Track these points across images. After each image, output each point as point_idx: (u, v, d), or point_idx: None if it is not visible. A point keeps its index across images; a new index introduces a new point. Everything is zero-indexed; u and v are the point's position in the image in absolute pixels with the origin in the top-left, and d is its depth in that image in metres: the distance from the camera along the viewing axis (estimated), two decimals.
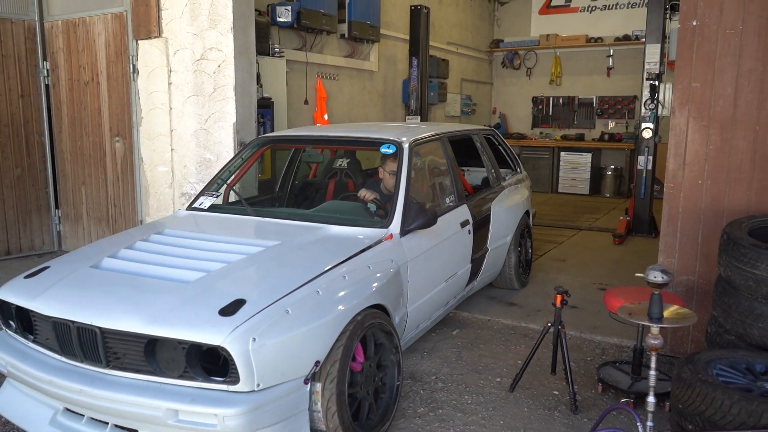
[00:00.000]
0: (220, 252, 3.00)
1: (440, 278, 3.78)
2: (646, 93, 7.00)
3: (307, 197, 4.63)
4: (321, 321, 2.57)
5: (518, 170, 5.65)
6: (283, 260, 2.94)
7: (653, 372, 2.43)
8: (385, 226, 3.36)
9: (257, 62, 5.50)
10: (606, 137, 11.07)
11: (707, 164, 3.60)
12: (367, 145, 4.25)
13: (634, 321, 2.49)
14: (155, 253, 3.04)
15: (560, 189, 11.18)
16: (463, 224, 4.08)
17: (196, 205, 3.89)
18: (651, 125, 7.06)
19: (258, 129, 5.42)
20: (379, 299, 2.98)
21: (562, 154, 11.16)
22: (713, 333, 3.17)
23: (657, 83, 6.93)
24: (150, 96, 5.57)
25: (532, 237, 5.61)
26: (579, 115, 11.72)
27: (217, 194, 3.96)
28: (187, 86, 5.32)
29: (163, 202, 5.65)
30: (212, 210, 3.84)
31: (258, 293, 2.56)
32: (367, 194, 3.88)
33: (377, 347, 2.98)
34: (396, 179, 3.58)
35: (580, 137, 11.41)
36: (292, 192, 4.75)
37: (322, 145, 4.78)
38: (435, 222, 3.49)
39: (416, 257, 3.42)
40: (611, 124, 11.38)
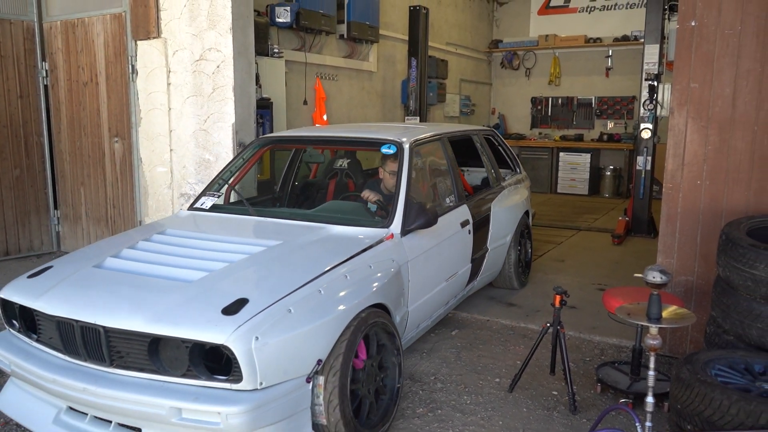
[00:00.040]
0: (222, 252, 3.01)
1: (441, 278, 3.79)
2: (645, 93, 7.00)
3: (308, 197, 4.64)
4: (323, 320, 2.59)
5: (518, 170, 5.66)
6: (285, 260, 2.95)
7: (652, 372, 2.44)
8: (386, 226, 3.37)
9: (256, 63, 5.50)
10: (605, 138, 11.08)
11: (706, 165, 3.61)
12: (368, 146, 4.26)
13: (633, 321, 2.50)
14: (158, 253, 3.05)
15: (559, 189, 11.19)
16: (464, 224, 4.09)
17: (198, 205, 3.91)
18: (650, 126, 7.06)
19: (257, 129, 5.42)
20: (381, 298, 2.99)
21: (561, 155, 11.17)
22: (712, 333, 3.17)
23: (656, 84, 6.93)
24: (149, 96, 5.57)
25: (532, 237, 5.61)
26: (578, 116, 11.73)
27: (219, 194, 3.96)
28: (186, 87, 5.32)
29: (162, 203, 5.65)
30: (214, 210, 3.85)
31: (260, 292, 2.58)
32: (371, 195, 3.89)
33: (379, 348, 2.99)
34: (397, 179, 3.59)
35: (579, 138, 11.42)
36: (293, 192, 4.75)
37: (323, 146, 4.78)
38: (435, 222, 3.50)
39: (417, 257, 3.43)
40: (610, 125, 11.38)
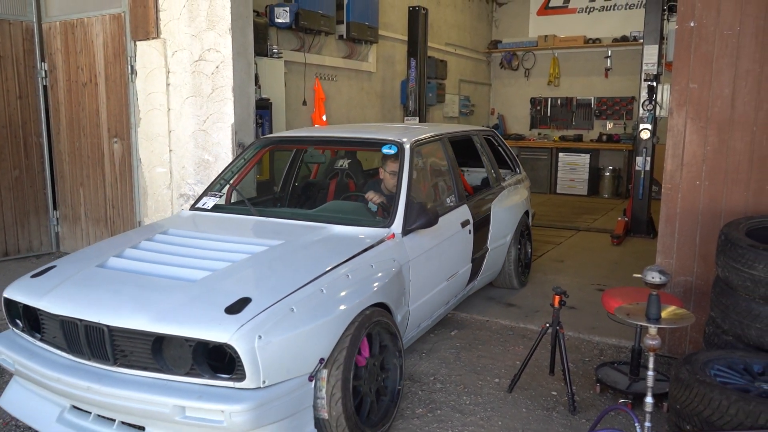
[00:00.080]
0: (225, 251, 3.02)
1: (441, 277, 3.80)
2: (644, 94, 7.01)
3: (309, 197, 4.65)
4: (325, 319, 2.60)
5: (518, 171, 5.67)
6: (287, 259, 2.96)
7: (651, 372, 2.44)
8: (387, 226, 3.39)
9: (255, 63, 5.50)
10: (604, 138, 11.08)
11: (705, 165, 3.61)
12: (369, 146, 4.28)
13: (632, 321, 2.50)
14: (160, 253, 3.07)
15: (558, 190, 11.19)
16: (464, 224, 4.10)
17: (200, 205, 3.92)
18: (649, 126, 7.07)
19: (256, 130, 5.42)
20: (382, 298, 3.00)
21: (561, 155, 11.17)
22: (711, 333, 3.17)
23: (655, 84, 6.93)
24: (148, 97, 5.57)
25: (532, 237, 5.62)
26: (577, 116, 11.74)
27: (220, 194, 3.98)
28: (186, 87, 5.32)
29: (162, 203, 5.65)
30: (215, 210, 3.86)
31: (263, 292, 2.59)
32: (375, 197, 3.90)
33: (381, 349, 3.01)
34: (397, 179, 3.60)
35: (579, 138, 11.42)
36: (294, 192, 4.76)
37: (324, 146, 4.79)
38: (436, 222, 3.51)
39: (418, 256, 3.45)
40: (609, 125, 11.38)
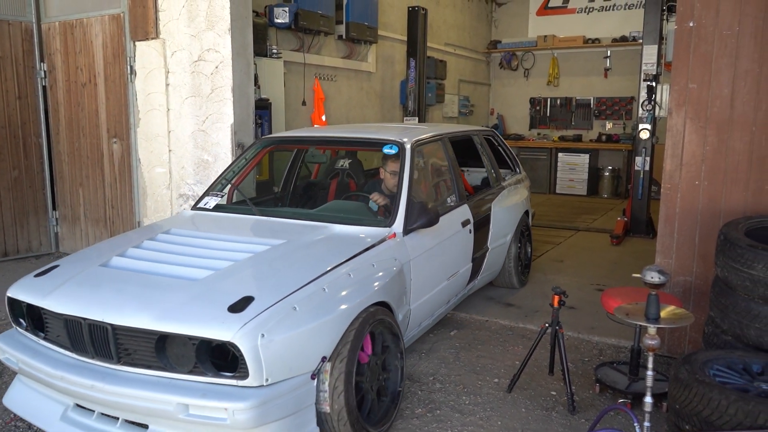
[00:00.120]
0: (227, 251, 3.03)
1: (442, 276, 3.82)
2: (644, 94, 7.01)
3: (310, 197, 4.66)
4: (327, 317, 2.62)
5: (517, 170, 5.68)
6: (289, 258, 2.98)
7: (650, 372, 2.44)
8: (389, 225, 3.40)
9: (255, 63, 5.50)
10: (603, 138, 11.08)
11: (704, 165, 3.61)
12: (370, 146, 4.30)
13: (632, 321, 2.50)
14: (163, 252, 3.08)
15: (558, 190, 11.19)
16: (464, 224, 4.11)
17: (201, 205, 3.94)
18: (648, 126, 7.07)
19: (256, 130, 5.42)
20: (383, 296, 3.02)
21: (560, 155, 11.17)
22: (710, 333, 3.17)
23: (654, 84, 6.93)
24: (147, 97, 5.57)
25: (532, 237, 5.62)
26: (576, 116, 11.74)
27: (222, 194, 3.99)
28: (185, 87, 5.32)
29: (161, 204, 5.65)
30: (217, 210, 3.88)
31: (266, 290, 2.60)
32: (379, 199, 3.90)
33: (384, 349, 3.03)
34: (398, 179, 3.62)
35: (578, 138, 11.42)
36: (295, 192, 4.77)
37: (326, 146, 4.80)
38: (437, 221, 3.52)
39: (419, 256, 3.46)
40: (609, 125, 11.38)
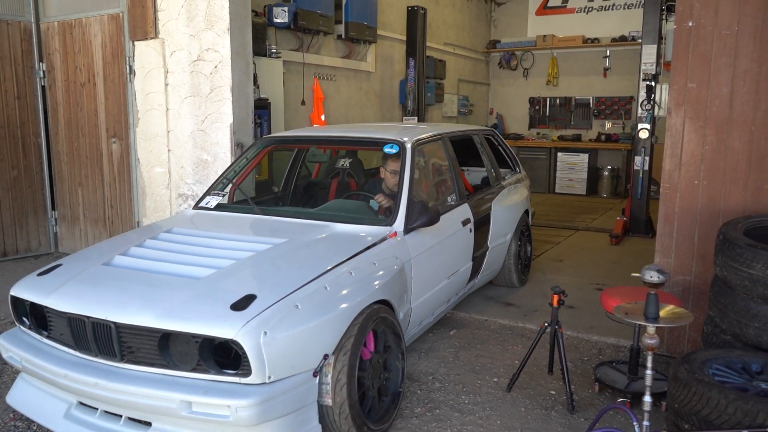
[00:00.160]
0: (229, 249, 3.05)
1: (443, 275, 3.83)
2: (643, 94, 7.01)
3: (311, 196, 4.67)
4: (329, 315, 2.63)
5: (517, 170, 5.69)
6: (291, 257, 2.99)
7: (649, 372, 2.44)
8: (389, 224, 3.42)
9: (254, 63, 5.50)
10: (603, 138, 11.09)
11: (703, 164, 3.61)
12: (371, 145, 4.32)
13: (631, 321, 2.50)
14: (165, 251, 3.09)
15: (557, 189, 11.19)
16: (465, 222, 4.13)
17: (203, 205, 3.95)
18: (648, 126, 7.07)
19: (255, 130, 5.42)
20: (385, 295, 3.03)
21: (559, 155, 11.17)
22: (709, 333, 3.17)
23: (653, 84, 6.94)
24: (147, 97, 5.57)
25: (531, 236, 5.63)
26: (576, 116, 11.74)
27: (223, 193, 4.00)
28: (184, 87, 5.32)
29: (160, 203, 5.64)
30: (218, 209, 3.89)
31: (268, 289, 2.61)
32: (384, 201, 3.90)
33: (385, 349, 3.04)
34: (399, 178, 3.63)
35: (577, 138, 11.42)
36: (296, 191, 4.78)
37: (327, 146, 4.81)
38: (438, 220, 3.54)
39: (419, 254, 3.47)
40: (608, 125, 11.39)
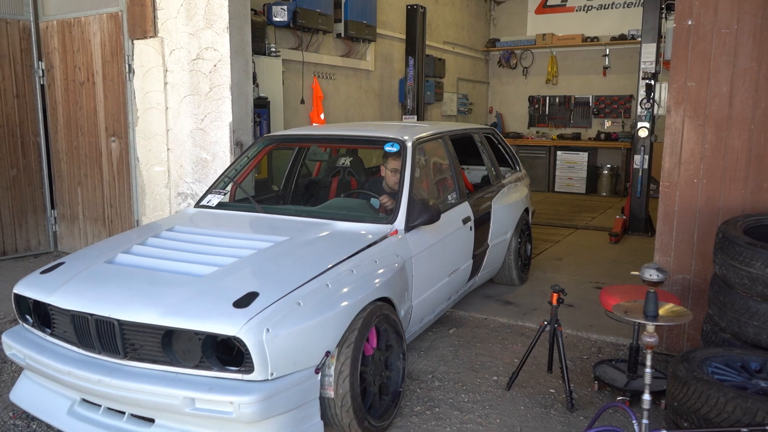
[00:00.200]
0: (231, 247, 3.06)
1: (443, 273, 3.84)
2: (642, 92, 7.02)
3: (312, 195, 4.68)
4: (331, 313, 2.64)
5: (517, 168, 5.69)
6: (293, 255, 3.00)
7: (649, 370, 2.44)
8: (390, 222, 3.43)
9: (253, 62, 5.49)
10: (602, 136, 11.08)
11: (703, 163, 3.61)
12: (372, 144, 4.34)
13: (630, 319, 2.50)
14: (168, 249, 3.10)
15: (557, 188, 11.19)
16: (465, 221, 4.14)
17: (204, 203, 3.96)
18: (647, 124, 7.07)
19: (254, 128, 5.42)
20: (386, 292, 3.04)
21: (559, 153, 11.17)
22: (709, 331, 3.18)
23: (653, 82, 6.94)
24: (146, 96, 5.56)
25: (532, 234, 5.64)
26: (575, 115, 11.73)
27: (225, 192, 4.01)
28: (183, 86, 5.32)
29: (160, 202, 5.64)
30: (220, 207, 3.90)
31: (270, 286, 2.62)
32: (388, 202, 3.91)
33: (387, 348, 3.05)
34: (400, 176, 3.65)
35: (577, 136, 11.42)
36: (297, 190, 4.79)
37: (328, 144, 4.82)
38: (438, 218, 3.55)
39: (420, 252, 3.49)
40: (607, 124, 11.38)
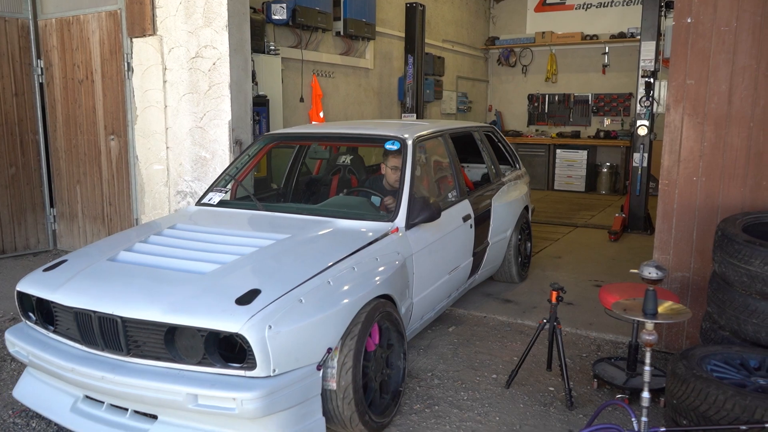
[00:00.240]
0: (233, 245, 3.07)
1: (444, 270, 3.85)
2: (642, 90, 7.01)
3: (313, 193, 4.69)
4: (332, 310, 2.65)
5: (517, 166, 5.70)
6: (295, 252, 3.00)
7: (648, 368, 2.45)
8: (391, 220, 3.43)
9: (252, 60, 5.49)
10: (601, 134, 11.08)
11: (702, 161, 3.61)
12: (373, 142, 4.36)
13: (629, 317, 2.50)
14: (170, 247, 3.11)
15: (556, 186, 11.19)
16: (465, 218, 4.15)
17: (205, 201, 3.97)
18: (646, 122, 7.07)
19: (253, 127, 5.41)
20: (387, 290, 3.05)
21: (558, 152, 11.17)
22: (708, 329, 3.18)
23: (652, 80, 6.94)
24: (145, 94, 5.56)
25: (531, 232, 5.64)
26: (575, 113, 11.73)
27: (226, 190, 4.02)
28: (182, 84, 5.31)
29: (159, 201, 5.64)
30: (221, 205, 3.91)
31: (272, 283, 2.63)
32: (392, 203, 3.90)
33: (388, 347, 3.06)
34: (401, 174, 3.65)
35: (576, 135, 11.42)
36: (298, 188, 4.80)
37: (329, 142, 4.83)
38: (439, 216, 3.55)
39: (421, 250, 3.50)
40: (607, 122, 11.39)
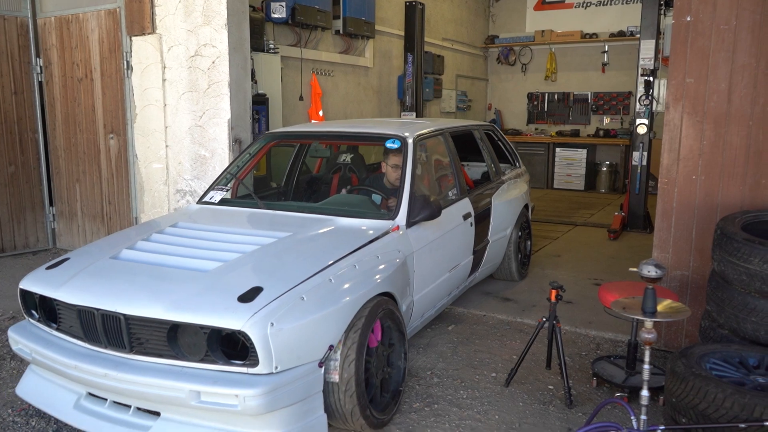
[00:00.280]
0: (235, 243, 3.08)
1: (444, 268, 3.86)
2: (641, 89, 7.01)
3: (314, 191, 4.70)
4: (334, 307, 2.66)
5: (517, 165, 5.70)
6: (296, 250, 3.01)
7: (647, 366, 2.45)
8: (392, 218, 3.44)
9: (252, 58, 5.48)
10: (601, 133, 11.09)
11: (701, 160, 3.62)
12: (373, 140, 4.36)
13: (628, 315, 2.51)
14: (172, 245, 3.12)
15: (555, 185, 11.20)
16: (466, 217, 4.15)
17: (207, 199, 3.98)
18: (646, 121, 7.07)
19: (253, 125, 5.41)
20: (388, 287, 3.06)
21: (558, 150, 11.17)
22: (707, 327, 3.18)
23: (652, 79, 6.94)
24: (144, 93, 5.55)
25: (531, 230, 5.65)
26: (574, 111, 11.73)
27: (227, 188, 4.03)
28: (182, 83, 5.31)
29: (158, 199, 5.64)
30: (222, 204, 3.91)
31: (274, 281, 2.64)
32: (394, 204, 3.90)
33: (390, 346, 3.07)
34: (401, 173, 3.66)
35: (576, 133, 11.42)
36: (299, 186, 4.81)
37: (330, 141, 4.84)
38: (439, 214, 3.56)
39: (421, 248, 3.50)
40: (606, 120, 11.39)
